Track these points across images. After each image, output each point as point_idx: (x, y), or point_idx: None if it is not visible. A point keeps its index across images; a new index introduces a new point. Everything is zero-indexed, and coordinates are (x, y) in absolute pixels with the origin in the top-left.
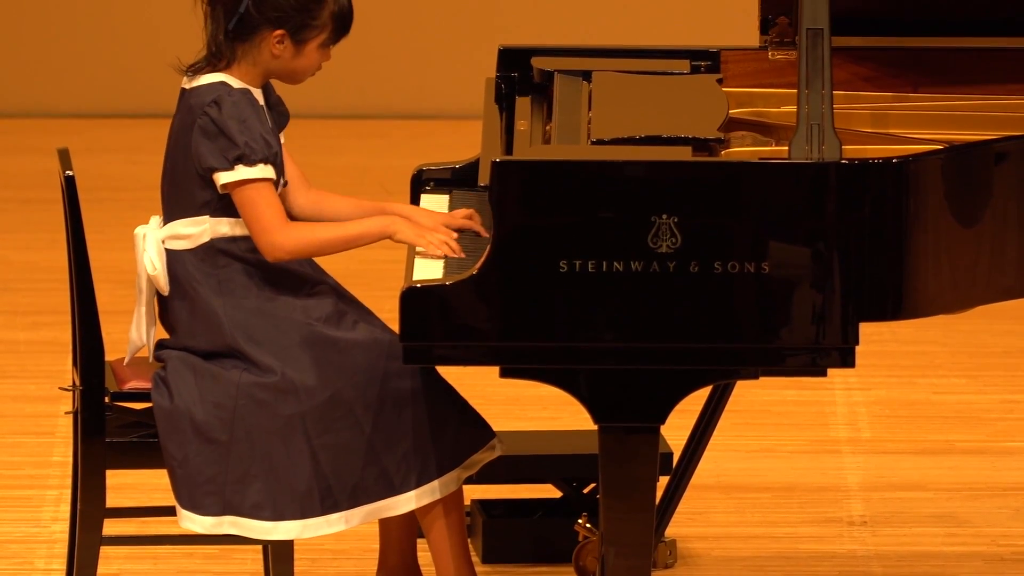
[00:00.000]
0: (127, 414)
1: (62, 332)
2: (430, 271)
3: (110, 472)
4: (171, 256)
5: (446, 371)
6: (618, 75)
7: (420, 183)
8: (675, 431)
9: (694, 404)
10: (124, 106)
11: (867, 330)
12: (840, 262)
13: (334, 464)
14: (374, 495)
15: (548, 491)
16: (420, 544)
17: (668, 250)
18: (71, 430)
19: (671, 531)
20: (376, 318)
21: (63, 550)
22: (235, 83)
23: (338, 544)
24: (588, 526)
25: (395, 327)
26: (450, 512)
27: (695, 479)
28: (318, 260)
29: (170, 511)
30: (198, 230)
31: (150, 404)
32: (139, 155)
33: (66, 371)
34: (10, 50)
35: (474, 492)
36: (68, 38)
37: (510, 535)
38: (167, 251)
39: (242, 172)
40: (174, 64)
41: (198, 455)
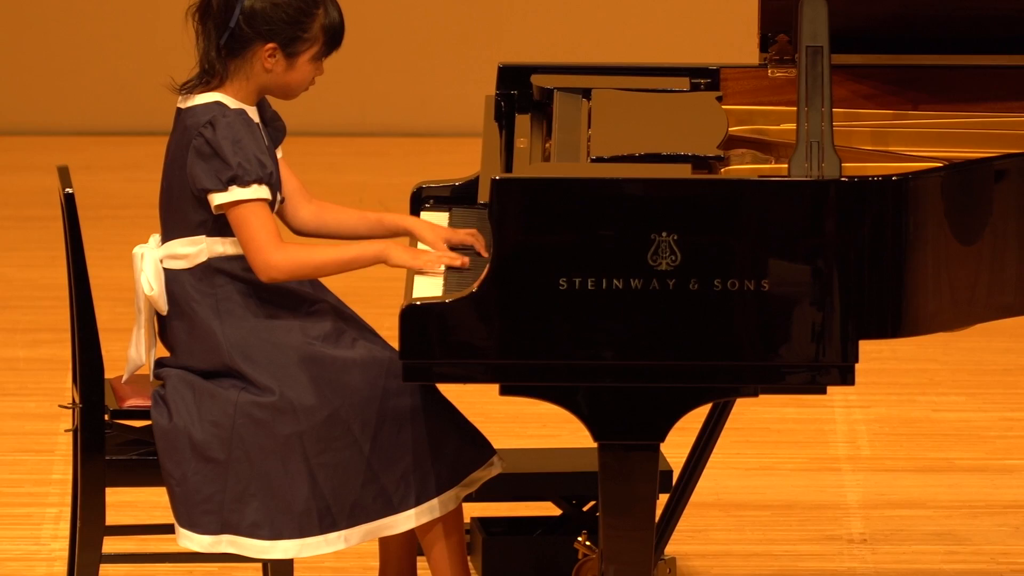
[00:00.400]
0: (127, 432)
1: (62, 350)
2: (430, 289)
3: (109, 490)
4: (169, 275)
5: (446, 389)
6: (618, 93)
7: (420, 200)
8: (675, 449)
9: (694, 422)
10: (123, 124)
11: (867, 347)
12: (840, 280)
13: (333, 483)
14: (373, 514)
15: (548, 509)
16: (420, 562)
17: (668, 268)
18: (71, 448)
19: (671, 549)
20: (376, 336)
21: (63, 568)
22: (230, 103)
23: (338, 562)
24: (588, 544)
25: (395, 344)
26: (450, 530)
27: (695, 497)
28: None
29: (169, 529)
30: (195, 250)
31: (150, 422)
32: (138, 173)
33: (66, 389)
34: (9, 68)
35: (474, 510)
36: (67, 56)
37: (510, 553)
38: (165, 270)
39: (236, 193)
40: (167, 84)
41: (196, 474)
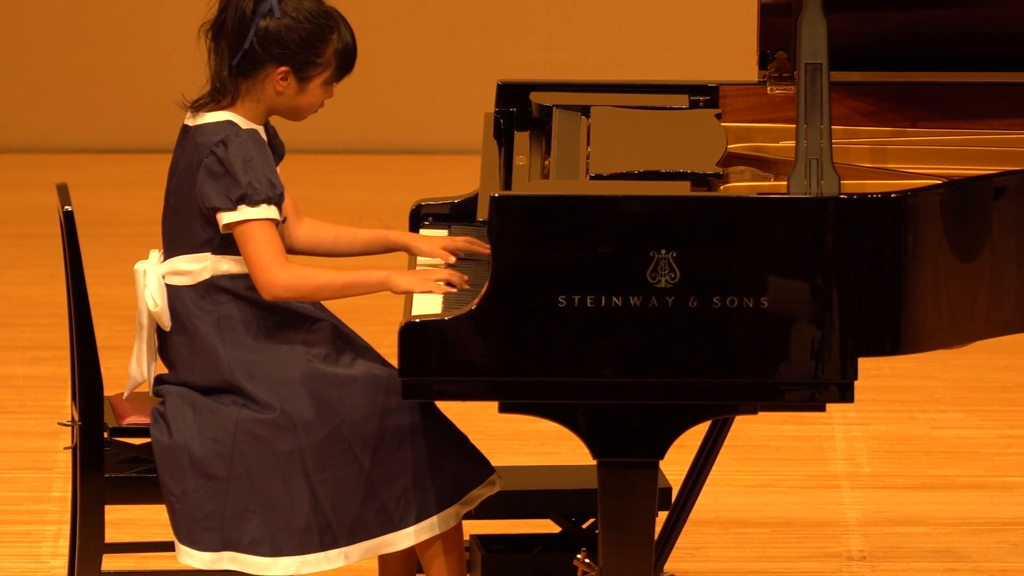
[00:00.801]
0: (126, 449)
1: (61, 367)
2: (429, 306)
3: (109, 507)
4: (171, 291)
5: (445, 406)
6: (617, 110)
7: (419, 218)
8: (674, 466)
9: (693, 439)
10: (123, 141)
11: (866, 365)
12: (839, 297)
13: (333, 500)
14: (373, 531)
15: (547, 526)
16: None
17: (667, 285)
18: (70, 465)
19: (670, 566)
20: (375, 353)
21: None
22: (242, 123)
23: None
24: (587, 561)
25: (394, 362)
26: (449, 548)
27: (694, 514)
28: None
29: (169, 546)
30: (199, 267)
31: (149, 439)
32: (138, 190)
33: (65, 406)
34: (9, 86)
35: (473, 527)
36: (67, 74)
37: (509, 570)
38: (167, 286)
39: (245, 212)
40: (177, 100)
41: (197, 491)
